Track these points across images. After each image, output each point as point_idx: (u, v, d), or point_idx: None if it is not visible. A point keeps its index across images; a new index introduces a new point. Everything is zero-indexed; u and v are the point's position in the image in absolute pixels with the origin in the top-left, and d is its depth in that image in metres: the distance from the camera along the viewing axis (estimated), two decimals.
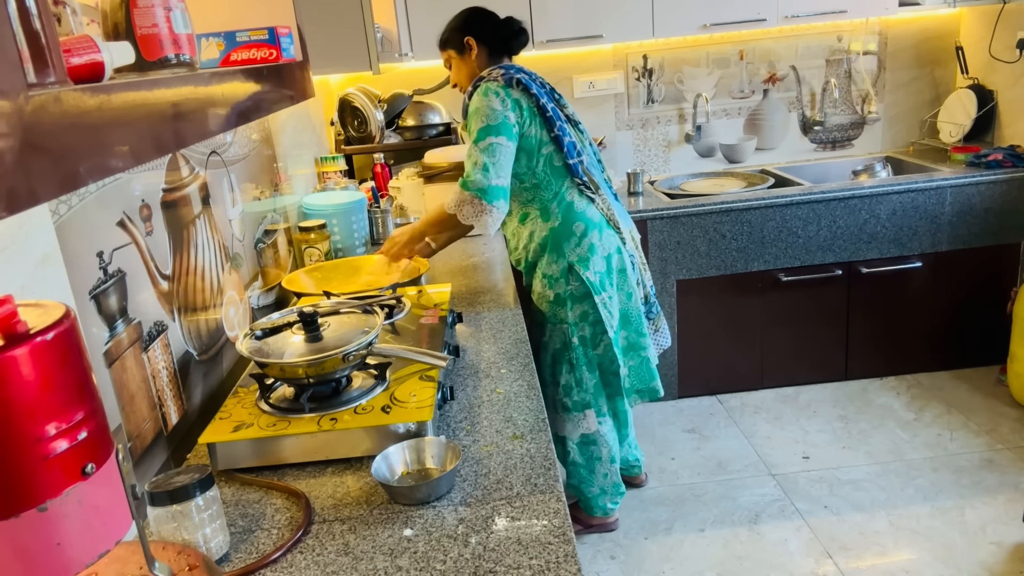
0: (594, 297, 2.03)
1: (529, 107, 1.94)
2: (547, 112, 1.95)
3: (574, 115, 2.13)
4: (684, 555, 2.29)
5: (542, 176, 2.00)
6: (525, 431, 1.28)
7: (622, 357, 2.14)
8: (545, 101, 1.96)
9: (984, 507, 2.38)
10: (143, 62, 0.83)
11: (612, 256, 2.07)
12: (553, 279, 2.06)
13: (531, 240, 2.09)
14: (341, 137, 3.12)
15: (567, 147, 1.98)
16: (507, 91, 1.93)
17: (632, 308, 2.13)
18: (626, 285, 2.11)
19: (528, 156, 1.98)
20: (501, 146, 1.88)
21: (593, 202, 2.06)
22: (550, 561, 0.95)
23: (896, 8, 3.08)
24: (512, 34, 2.08)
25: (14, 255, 0.91)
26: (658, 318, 2.27)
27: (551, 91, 2.07)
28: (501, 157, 1.88)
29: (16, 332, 0.53)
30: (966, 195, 2.96)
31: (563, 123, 2.00)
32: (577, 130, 2.11)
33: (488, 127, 1.89)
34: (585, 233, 2.03)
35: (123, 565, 0.79)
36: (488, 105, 1.91)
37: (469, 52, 2.07)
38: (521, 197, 2.07)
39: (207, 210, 1.56)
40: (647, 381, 2.19)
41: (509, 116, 1.90)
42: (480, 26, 2.07)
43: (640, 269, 2.19)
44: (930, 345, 3.18)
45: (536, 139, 1.96)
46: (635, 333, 2.14)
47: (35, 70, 0.48)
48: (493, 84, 1.94)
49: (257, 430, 1.23)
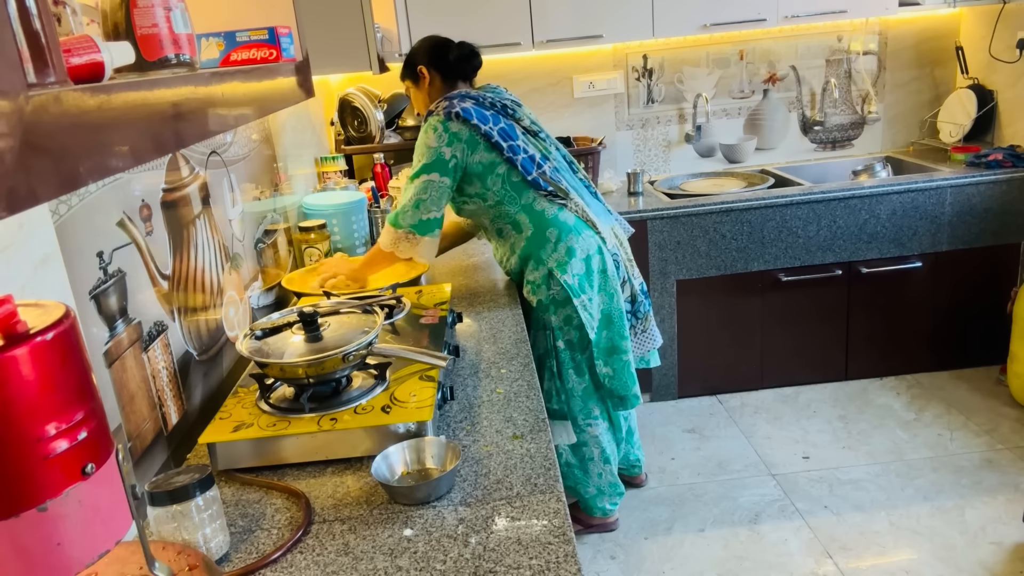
0: (573, 300, 2.02)
1: (470, 136, 1.95)
2: (492, 138, 1.96)
3: (534, 124, 2.12)
4: (684, 555, 2.29)
5: (502, 194, 2.02)
6: (525, 431, 1.28)
7: (602, 359, 2.13)
8: (490, 126, 1.97)
9: (984, 507, 2.38)
10: (143, 62, 0.83)
11: (592, 257, 2.06)
12: (536, 285, 2.06)
13: (512, 252, 2.10)
14: (341, 137, 3.12)
15: (522, 165, 1.99)
16: (445, 125, 1.95)
17: (615, 309, 2.11)
18: (608, 286, 2.10)
19: (480, 180, 2.00)
20: (434, 183, 1.94)
21: (565, 207, 2.06)
22: (550, 561, 0.95)
23: (896, 8, 3.08)
24: (462, 59, 2.10)
25: (14, 255, 0.91)
26: (646, 318, 2.25)
27: (504, 107, 2.06)
28: (432, 193, 1.94)
29: (16, 332, 0.53)
30: (966, 195, 2.96)
31: (515, 141, 2.00)
32: (538, 139, 2.11)
33: (424, 165, 1.95)
34: (560, 237, 2.03)
35: (123, 565, 0.79)
36: (425, 143, 1.96)
37: (423, 81, 2.11)
38: (490, 214, 2.08)
39: (207, 210, 1.56)
40: (628, 387, 2.16)
41: (444, 152, 1.94)
42: (432, 54, 2.10)
43: (626, 266, 2.18)
44: (930, 345, 3.18)
45: (484, 164, 1.98)
46: (617, 335, 2.12)
47: (35, 70, 0.48)
48: (433, 119, 1.98)
49: (257, 430, 1.23)
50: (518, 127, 2.06)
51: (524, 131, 2.08)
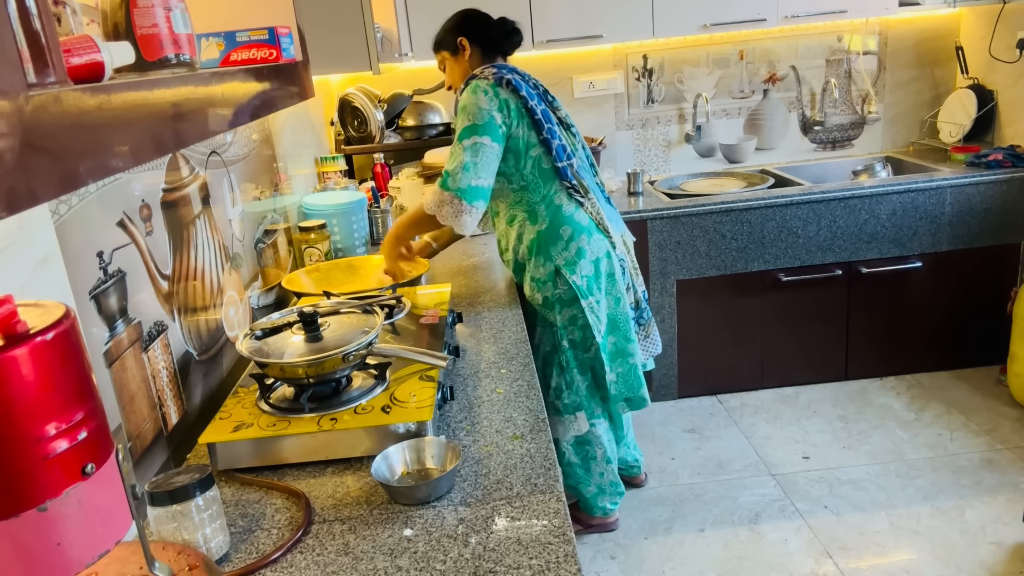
0: (581, 301, 2.02)
1: (517, 107, 1.92)
2: (535, 115, 1.93)
3: (567, 117, 2.11)
4: (684, 555, 2.29)
5: (530, 178, 1.99)
6: (525, 431, 1.28)
7: (610, 363, 2.12)
8: (535, 103, 1.94)
9: (984, 507, 2.38)
10: (143, 62, 0.83)
11: (601, 260, 2.05)
12: (541, 282, 2.05)
13: (519, 242, 2.07)
14: (341, 137, 3.12)
15: (556, 150, 1.97)
16: (496, 90, 1.91)
17: (620, 313, 2.10)
18: (614, 290, 2.09)
19: (516, 157, 1.96)
20: (485, 146, 1.86)
21: (582, 206, 2.04)
22: (550, 561, 0.95)
23: (896, 8, 3.08)
24: (505, 34, 2.07)
25: (14, 255, 0.91)
26: (648, 324, 2.24)
27: (544, 93, 2.06)
28: (484, 157, 1.86)
29: (16, 332, 0.53)
30: (966, 195, 2.96)
31: (553, 126, 1.98)
32: (569, 133, 2.09)
33: (474, 126, 1.87)
34: (573, 237, 2.01)
35: (123, 565, 0.79)
36: (475, 103, 1.89)
37: (462, 53, 2.06)
38: (509, 199, 2.05)
39: (207, 210, 1.56)
40: (635, 389, 2.15)
41: (496, 116, 1.89)
42: (473, 27, 2.07)
43: (631, 274, 2.18)
44: (930, 345, 3.18)
45: (524, 140, 1.95)
46: (623, 339, 2.12)
47: (35, 70, 0.48)
48: (483, 82, 1.92)
49: (257, 430, 1.23)
50: (554, 115, 2.04)
51: (559, 121, 2.06)
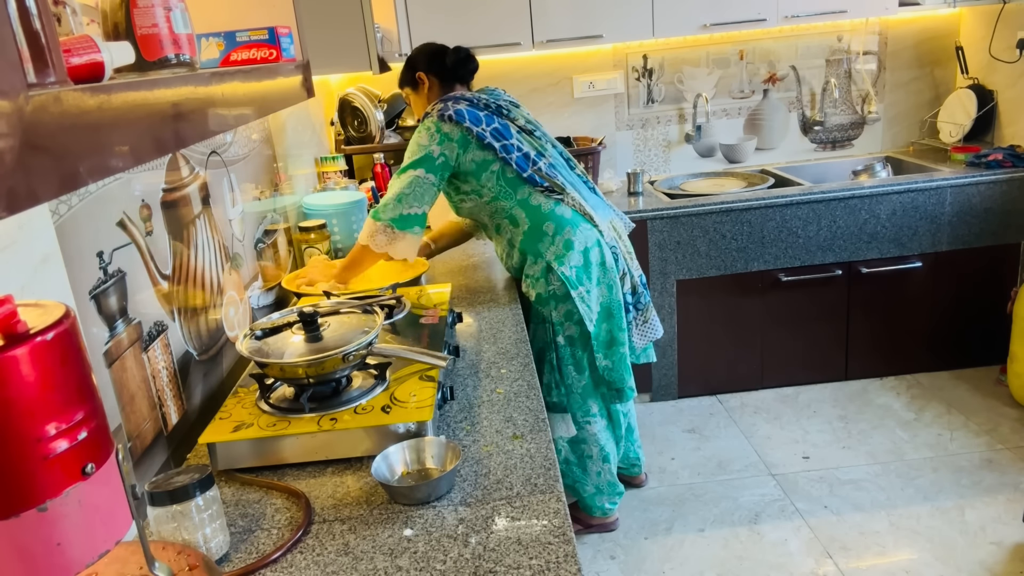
0: (571, 292, 2.03)
1: (462, 137, 1.98)
2: (484, 140, 1.99)
3: (529, 123, 2.15)
4: (684, 555, 2.29)
5: (497, 189, 2.05)
6: (525, 431, 1.28)
7: (601, 351, 2.14)
8: (483, 128, 1.99)
9: (984, 507, 2.38)
10: (143, 62, 0.83)
11: (590, 250, 2.08)
12: (535, 279, 2.08)
13: (512, 247, 2.12)
14: (341, 137, 3.12)
15: (516, 162, 2.02)
16: (438, 126, 1.98)
17: (614, 301, 2.12)
18: (607, 277, 2.11)
19: (475, 176, 2.03)
20: (419, 179, 1.96)
21: (561, 201, 2.07)
22: (550, 561, 0.95)
23: (896, 8, 3.08)
24: (459, 62, 2.13)
25: (14, 255, 0.91)
26: (647, 309, 2.26)
27: (499, 108, 2.09)
28: (416, 188, 1.95)
29: (16, 332, 0.53)
30: (966, 195, 2.96)
31: (510, 141, 2.03)
32: (533, 137, 2.13)
33: (412, 162, 1.97)
34: (557, 231, 2.05)
35: (123, 565, 0.79)
36: (417, 142, 2.00)
37: (422, 87, 2.15)
38: (488, 210, 2.10)
39: (207, 210, 1.56)
40: (624, 380, 2.18)
41: (434, 150, 1.97)
42: (428, 60, 2.14)
43: (626, 259, 2.19)
44: (930, 345, 3.18)
45: (477, 162, 2.01)
46: (616, 328, 2.14)
47: (35, 70, 0.48)
48: (427, 120, 2.01)
49: (257, 430, 1.23)
50: (513, 126, 2.08)
51: (519, 130, 2.10)
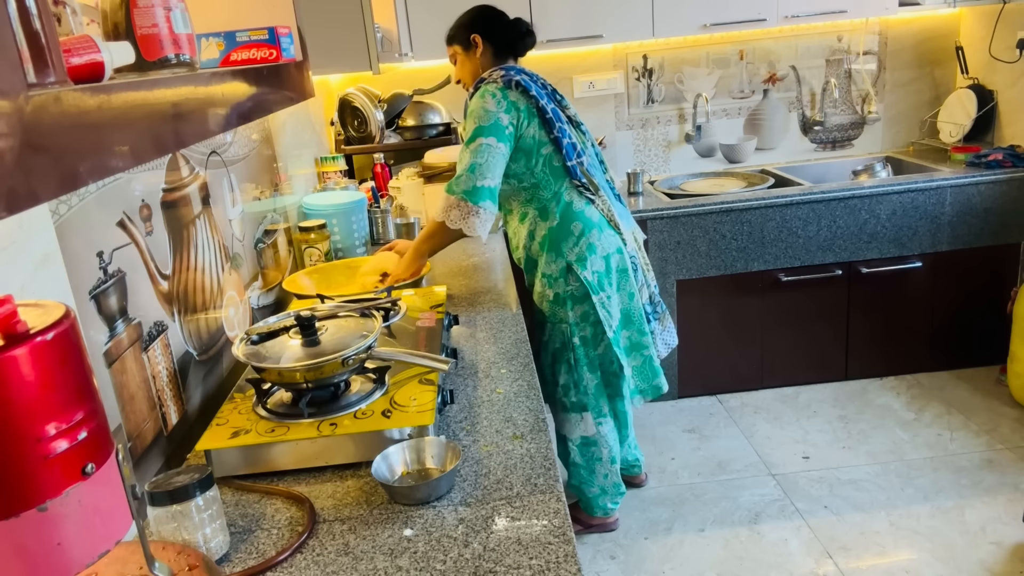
0: (592, 297, 2.03)
1: (528, 108, 1.94)
2: (547, 114, 1.95)
3: (576, 116, 2.14)
4: (684, 555, 2.29)
5: (540, 176, 2.01)
6: (525, 431, 1.28)
7: (626, 357, 2.13)
8: (545, 102, 1.96)
9: (984, 507, 2.38)
10: (143, 62, 0.83)
11: (612, 256, 2.07)
12: (552, 278, 2.07)
13: (531, 239, 2.10)
14: (341, 137, 3.12)
15: (566, 148, 1.99)
16: (504, 92, 1.93)
17: (634, 308, 2.12)
18: (627, 285, 2.11)
19: (527, 156, 1.99)
20: (491, 147, 1.88)
21: (592, 203, 2.06)
22: (550, 561, 0.95)
23: (896, 8, 3.08)
24: (519, 35, 2.08)
25: (14, 255, 0.91)
26: (664, 316, 2.27)
27: (552, 92, 2.08)
28: (489, 158, 1.88)
29: (16, 332, 0.53)
30: (966, 195, 2.96)
31: (563, 125, 2.01)
32: (579, 131, 2.12)
33: (479, 128, 1.90)
34: (583, 233, 2.03)
35: (123, 565, 0.79)
36: (482, 107, 1.92)
37: (475, 50, 2.07)
38: (520, 196, 2.07)
39: (207, 210, 1.56)
40: (651, 379, 2.19)
41: (502, 117, 1.91)
42: (488, 25, 2.07)
43: (644, 270, 2.19)
44: (930, 345, 3.18)
45: (535, 140, 1.97)
46: (637, 332, 2.14)
47: (35, 70, 0.48)
48: (491, 86, 1.95)
49: (256, 436, 1.22)
50: (563, 114, 2.06)
51: (568, 120, 2.08)
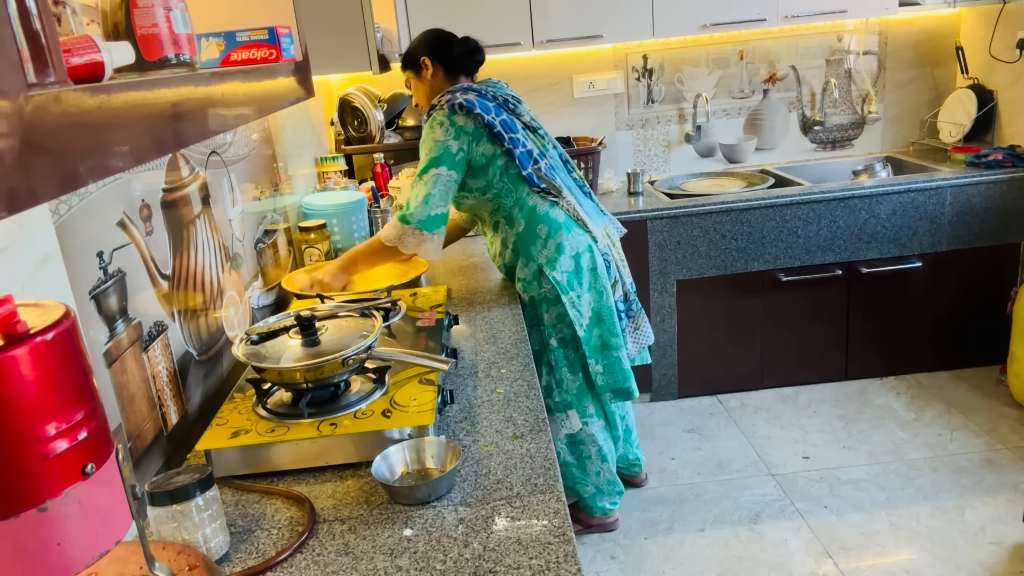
0: (561, 297, 2.03)
1: (475, 128, 1.98)
2: (495, 128, 1.98)
3: (533, 120, 2.15)
4: (684, 555, 2.29)
5: (500, 186, 2.05)
6: (525, 431, 1.28)
7: (594, 356, 2.13)
8: (492, 117, 1.98)
9: (984, 507, 2.38)
10: (143, 62, 0.83)
11: (581, 255, 2.08)
12: (527, 282, 2.08)
13: (504, 247, 2.12)
14: (341, 137, 3.12)
15: (519, 158, 2.02)
16: (451, 118, 1.97)
17: (605, 306, 2.12)
18: (598, 283, 2.11)
19: (483, 172, 2.02)
20: (441, 176, 1.95)
21: (557, 204, 2.07)
22: (550, 561, 0.95)
23: (896, 8, 3.08)
24: (466, 54, 2.12)
25: (14, 255, 0.91)
26: (638, 316, 2.26)
27: (505, 101, 2.08)
28: (442, 187, 1.95)
29: (16, 332, 0.53)
30: (966, 195, 2.96)
31: (516, 134, 2.03)
32: (537, 135, 2.13)
33: (432, 159, 1.96)
34: (550, 235, 2.05)
35: (123, 565, 0.79)
36: (432, 137, 1.97)
37: (425, 72, 2.12)
38: (487, 207, 2.10)
39: (207, 210, 1.56)
40: (621, 381, 2.17)
41: (451, 144, 1.96)
42: (436, 47, 2.12)
43: (618, 266, 2.19)
44: (930, 345, 3.18)
45: (486, 156, 2.00)
46: (608, 332, 2.13)
47: (35, 70, 0.48)
48: (439, 114, 1.99)
49: (256, 436, 1.22)
50: (518, 122, 2.08)
51: (524, 126, 2.10)
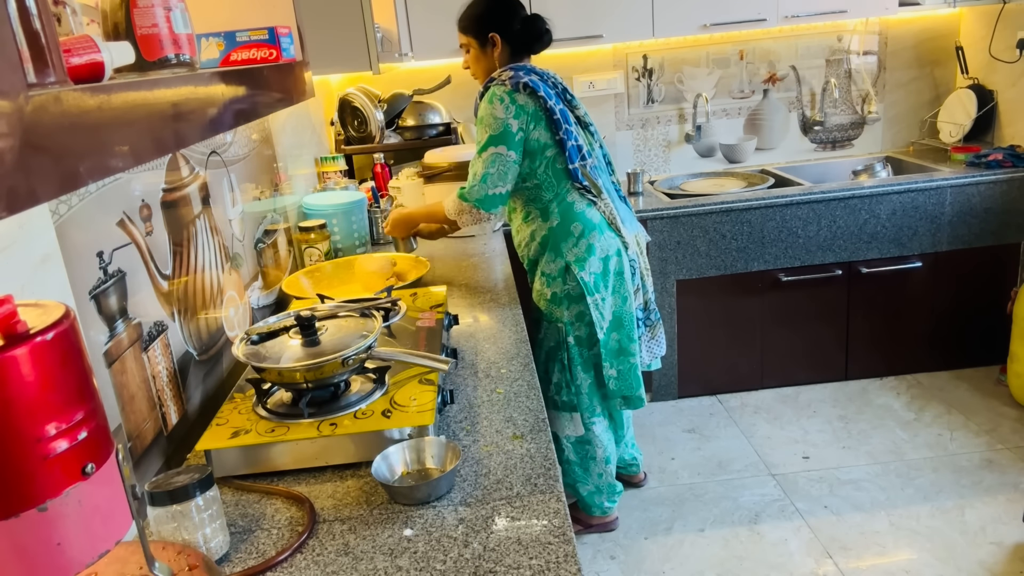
0: (587, 298, 2.03)
1: (535, 110, 1.95)
2: (554, 115, 1.95)
3: (586, 116, 2.13)
4: (684, 555, 2.29)
5: (543, 178, 2.02)
6: (525, 431, 1.28)
7: (609, 360, 2.13)
8: (553, 103, 1.96)
9: (984, 507, 2.38)
10: (143, 62, 0.83)
11: (610, 258, 2.07)
12: (551, 278, 2.07)
13: (532, 239, 2.11)
14: (341, 137, 3.12)
15: (569, 151, 1.99)
16: (512, 96, 1.93)
17: (626, 312, 2.12)
18: (622, 288, 2.11)
19: (531, 158, 2.00)
20: (501, 156, 1.93)
21: (594, 204, 2.06)
22: (550, 561, 0.95)
23: (896, 8, 3.08)
24: (537, 36, 2.06)
25: (14, 255, 0.91)
26: (656, 326, 2.26)
27: (563, 92, 2.07)
28: (501, 167, 1.94)
29: (16, 332, 0.53)
30: (966, 195, 2.96)
31: (570, 126, 2.01)
32: (587, 132, 2.12)
33: (491, 137, 1.93)
34: (583, 234, 2.04)
35: (123, 565, 0.79)
36: (492, 114, 1.94)
37: (492, 49, 2.05)
38: (523, 196, 2.08)
39: (207, 210, 1.56)
40: (633, 389, 2.17)
41: (512, 124, 1.93)
42: (507, 22, 2.03)
43: (642, 275, 2.19)
44: (930, 345, 3.18)
45: (540, 142, 1.98)
46: (626, 338, 2.13)
47: (35, 70, 0.48)
48: (499, 89, 1.95)
49: (256, 436, 1.22)
50: (572, 115, 2.06)
51: (577, 120, 2.08)
